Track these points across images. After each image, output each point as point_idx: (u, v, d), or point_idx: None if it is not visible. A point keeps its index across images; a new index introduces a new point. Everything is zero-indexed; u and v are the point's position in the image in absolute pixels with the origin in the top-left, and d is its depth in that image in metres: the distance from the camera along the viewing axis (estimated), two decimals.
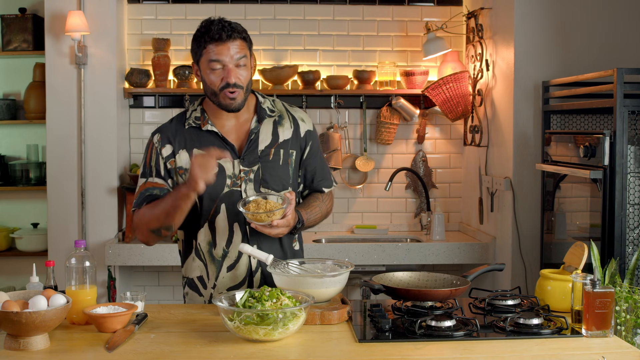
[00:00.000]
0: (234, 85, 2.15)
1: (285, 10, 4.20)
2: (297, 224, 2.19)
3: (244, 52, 2.17)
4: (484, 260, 3.76)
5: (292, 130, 2.30)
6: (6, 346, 1.73)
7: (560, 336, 1.86)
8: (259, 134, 2.26)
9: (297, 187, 2.35)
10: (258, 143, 2.25)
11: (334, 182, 2.43)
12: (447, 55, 4.06)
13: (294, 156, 2.30)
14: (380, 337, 1.85)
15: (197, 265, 2.27)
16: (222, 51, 2.13)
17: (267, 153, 2.24)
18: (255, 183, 2.22)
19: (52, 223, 3.91)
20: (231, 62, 2.14)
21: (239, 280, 2.24)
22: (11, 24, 4.11)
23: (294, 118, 2.33)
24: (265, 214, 2.06)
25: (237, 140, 2.25)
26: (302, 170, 2.34)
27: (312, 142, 2.34)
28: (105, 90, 3.91)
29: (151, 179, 2.24)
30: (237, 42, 2.15)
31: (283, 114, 2.32)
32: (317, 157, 2.36)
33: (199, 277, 2.28)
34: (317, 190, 2.38)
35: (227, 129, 2.26)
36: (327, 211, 2.38)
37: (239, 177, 2.21)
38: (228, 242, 2.23)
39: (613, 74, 2.68)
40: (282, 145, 2.27)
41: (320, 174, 2.37)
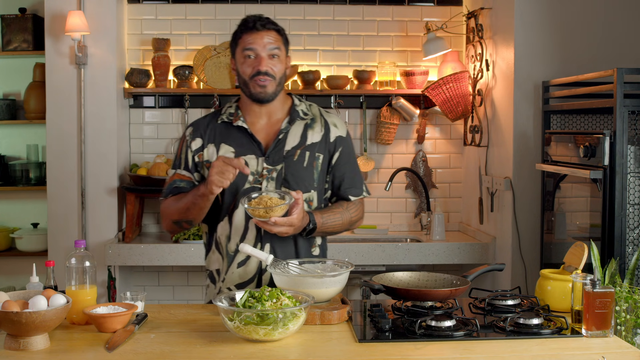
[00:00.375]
0: (265, 73, 2.19)
1: (285, 10, 4.20)
2: (307, 226, 2.17)
3: (278, 44, 2.23)
4: (484, 260, 3.76)
5: (322, 134, 2.29)
6: (6, 346, 1.73)
7: (560, 336, 1.86)
8: (288, 134, 2.26)
9: (324, 192, 2.32)
10: (285, 143, 2.25)
11: (364, 192, 2.37)
12: (447, 55, 4.06)
13: (321, 160, 2.28)
14: (380, 337, 1.85)
15: (216, 258, 2.31)
16: (255, 40, 2.19)
17: (292, 154, 2.24)
18: (277, 182, 2.22)
19: (52, 223, 3.91)
20: (264, 51, 2.19)
21: (248, 278, 2.24)
22: (11, 24, 4.11)
23: (326, 123, 2.32)
24: (263, 210, 2.05)
25: (266, 138, 2.27)
26: (330, 175, 2.32)
27: (342, 148, 2.31)
28: (105, 90, 3.91)
29: (179, 170, 2.30)
30: (272, 34, 2.22)
31: (316, 117, 2.32)
32: (347, 164, 2.32)
33: (216, 270, 2.31)
34: (344, 198, 2.33)
35: (257, 126, 2.28)
36: (350, 220, 2.32)
37: (262, 174, 2.22)
38: (242, 238, 2.24)
39: (613, 74, 2.68)
40: (309, 147, 2.26)
41: (349, 182, 2.33)
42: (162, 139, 4.21)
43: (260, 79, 2.19)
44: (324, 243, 2.38)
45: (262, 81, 2.19)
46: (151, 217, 4.22)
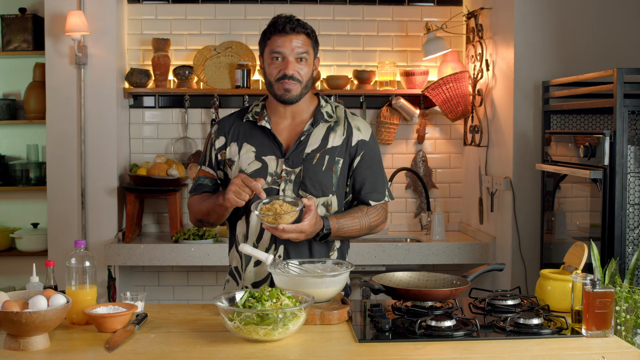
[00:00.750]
0: (290, 77, 2.18)
1: (285, 10, 4.12)
2: (320, 232, 2.16)
3: (307, 48, 2.22)
4: (484, 260, 3.76)
5: (343, 137, 2.27)
6: (6, 346, 1.73)
7: (560, 336, 1.86)
8: (310, 137, 2.25)
9: (345, 196, 2.31)
10: (306, 146, 2.24)
11: (387, 197, 2.33)
12: (447, 55, 4.06)
13: (340, 164, 2.25)
14: (380, 337, 1.85)
15: (235, 256, 2.34)
16: (284, 43, 2.19)
17: (312, 157, 2.23)
18: (295, 185, 2.21)
19: (52, 223, 3.91)
20: (291, 55, 2.19)
21: (262, 277, 2.26)
22: (11, 24, 4.11)
23: (350, 126, 2.29)
24: (272, 217, 2.04)
25: (287, 139, 2.26)
26: (350, 179, 2.30)
27: (364, 152, 2.29)
28: (105, 90, 3.91)
29: (204, 167, 2.35)
30: (301, 37, 2.22)
31: (340, 120, 2.30)
32: (369, 168, 2.30)
33: (235, 268, 2.34)
34: (364, 202, 2.30)
35: (281, 127, 2.28)
36: (370, 225, 2.28)
37: (280, 176, 2.22)
38: (258, 238, 2.25)
39: (613, 74, 2.68)
40: (329, 151, 2.24)
41: (370, 186, 2.29)
42: (162, 139, 4.21)
43: (285, 82, 2.19)
44: (343, 247, 2.35)
45: (288, 84, 2.19)
46: (151, 217, 4.22)
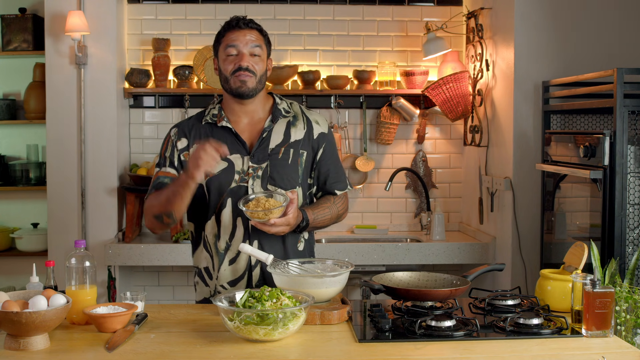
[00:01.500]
0: (245, 69, 2.23)
1: (285, 10, 4.20)
2: (301, 223, 2.21)
3: (259, 42, 2.27)
4: (484, 260, 3.76)
5: (304, 131, 2.33)
6: (6, 346, 1.73)
7: (560, 336, 1.86)
8: (272, 132, 2.30)
9: (309, 188, 2.36)
10: (269, 142, 2.29)
11: (348, 186, 2.43)
12: (447, 55, 4.06)
13: (305, 157, 2.32)
14: (380, 337, 1.85)
15: (205, 257, 2.32)
16: (238, 37, 2.25)
17: (277, 151, 2.28)
18: (263, 180, 2.25)
19: (52, 223, 3.91)
20: (245, 48, 2.24)
21: (239, 274, 2.27)
22: (11, 24, 4.11)
23: (309, 120, 2.36)
24: (262, 212, 2.08)
25: (250, 137, 2.30)
26: (315, 172, 2.36)
27: (325, 145, 2.36)
28: (105, 90, 3.91)
29: (164, 168, 2.31)
30: (254, 33, 2.27)
31: (298, 115, 2.36)
32: (331, 160, 2.37)
33: (205, 268, 2.33)
34: (330, 193, 2.38)
35: (241, 126, 2.31)
36: (338, 214, 2.37)
37: (248, 173, 2.25)
38: (231, 236, 2.26)
39: (613, 74, 2.68)
40: (293, 145, 2.30)
41: (334, 177, 2.38)
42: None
43: (241, 74, 2.23)
44: (310, 238, 2.41)
45: (243, 76, 2.23)
46: None
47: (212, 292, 2.31)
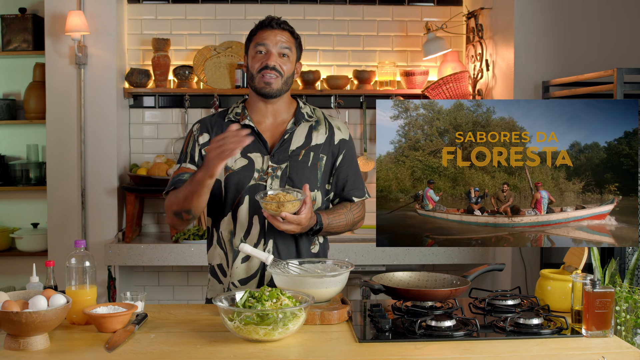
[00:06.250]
0: (272, 68, 2.22)
1: (285, 10, 4.20)
2: (314, 227, 2.21)
3: (290, 44, 2.27)
4: (484, 260, 3.76)
5: (326, 136, 2.34)
6: (6, 346, 1.73)
7: (560, 336, 1.86)
8: (293, 135, 2.30)
9: (326, 193, 2.36)
10: (290, 143, 2.29)
11: (366, 194, 2.42)
12: (447, 55, 4.06)
13: (324, 161, 2.32)
14: (380, 337, 1.85)
15: (218, 254, 2.32)
16: (268, 36, 2.25)
17: (297, 153, 2.28)
18: (282, 180, 2.25)
19: (52, 223, 3.91)
20: (274, 48, 2.24)
21: (252, 273, 2.26)
22: (11, 24, 4.11)
23: (331, 126, 2.36)
24: (275, 204, 2.08)
25: (272, 138, 2.31)
26: (334, 177, 2.36)
27: (345, 151, 2.36)
28: (105, 90, 3.91)
29: (184, 164, 2.31)
30: (285, 34, 2.27)
31: (320, 120, 2.37)
32: (350, 167, 2.37)
33: (219, 265, 2.32)
34: (347, 199, 2.37)
35: (264, 126, 2.32)
36: (353, 221, 2.36)
37: (267, 172, 2.26)
38: (246, 234, 2.26)
39: (613, 74, 2.68)
40: (314, 148, 2.31)
41: (352, 183, 2.37)
42: (162, 139, 4.21)
43: (267, 73, 2.22)
44: (325, 242, 2.40)
45: (269, 77, 2.23)
46: (151, 217, 4.22)
47: (225, 289, 2.31)
